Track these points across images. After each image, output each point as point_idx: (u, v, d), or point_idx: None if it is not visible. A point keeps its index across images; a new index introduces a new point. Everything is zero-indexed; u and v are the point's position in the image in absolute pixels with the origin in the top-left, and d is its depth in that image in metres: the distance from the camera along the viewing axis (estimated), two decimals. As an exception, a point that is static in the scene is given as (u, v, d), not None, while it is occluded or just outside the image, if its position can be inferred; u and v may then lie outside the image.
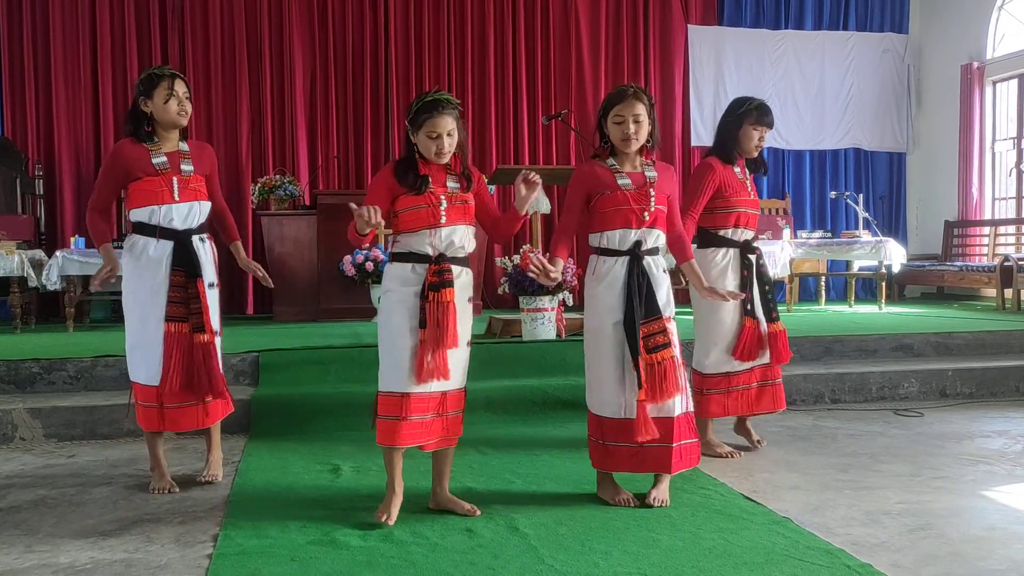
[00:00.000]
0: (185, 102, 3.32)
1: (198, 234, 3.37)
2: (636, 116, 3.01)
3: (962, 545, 2.65)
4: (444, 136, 2.89)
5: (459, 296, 2.92)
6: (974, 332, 5.69)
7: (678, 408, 3.05)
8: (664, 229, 3.12)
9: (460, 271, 2.96)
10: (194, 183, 3.35)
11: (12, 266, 6.30)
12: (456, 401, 2.99)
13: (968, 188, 8.96)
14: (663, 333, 3.03)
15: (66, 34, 7.87)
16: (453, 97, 2.97)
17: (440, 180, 2.95)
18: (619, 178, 3.06)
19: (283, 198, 7.24)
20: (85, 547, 2.73)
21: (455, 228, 2.93)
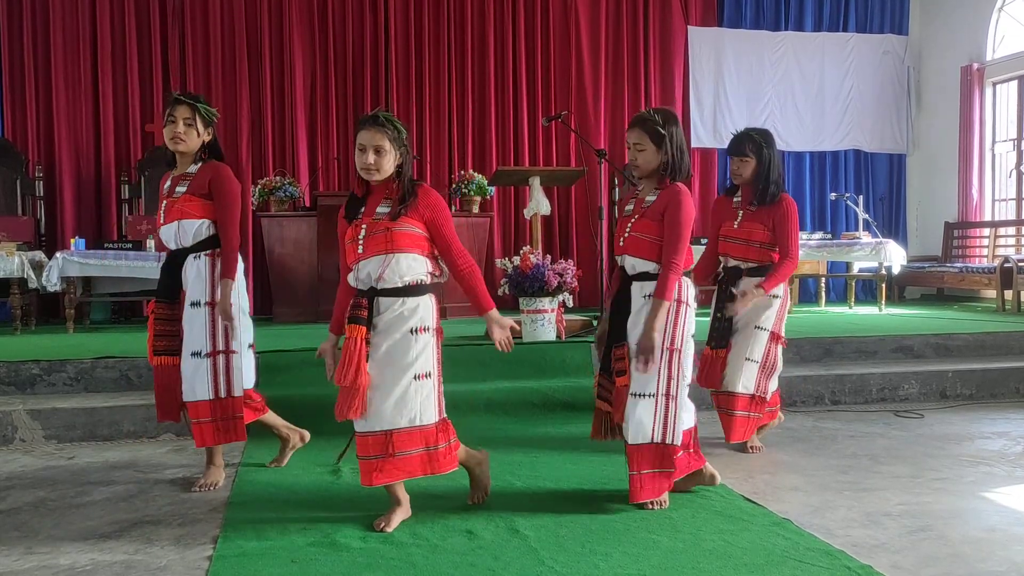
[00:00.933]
0: (182, 127, 3.29)
1: (193, 252, 3.36)
2: (636, 144, 3.03)
3: (962, 546, 2.65)
4: (370, 150, 2.80)
5: (388, 326, 2.82)
6: (974, 333, 5.69)
7: (630, 437, 3.01)
8: (649, 256, 3.02)
9: (393, 302, 2.83)
10: (180, 204, 3.33)
11: (12, 267, 6.30)
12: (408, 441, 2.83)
13: (968, 189, 8.96)
14: (622, 360, 3.03)
15: (66, 35, 7.87)
16: (396, 119, 2.88)
17: (373, 206, 2.87)
18: (628, 203, 3.13)
19: (283, 199, 7.24)
20: (85, 549, 2.73)
21: (370, 260, 2.82)
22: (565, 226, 8.79)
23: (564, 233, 8.78)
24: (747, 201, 3.81)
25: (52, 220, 7.88)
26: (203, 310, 3.33)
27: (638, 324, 3.01)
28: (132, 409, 4.29)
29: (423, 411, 2.86)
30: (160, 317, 3.37)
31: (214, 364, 3.35)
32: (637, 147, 3.02)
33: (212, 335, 3.34)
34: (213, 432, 3.38)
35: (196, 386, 3.33)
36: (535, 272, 5.03)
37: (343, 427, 4.20)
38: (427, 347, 2.87)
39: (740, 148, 3.77)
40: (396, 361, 2.82)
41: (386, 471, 2.82)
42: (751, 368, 3.74)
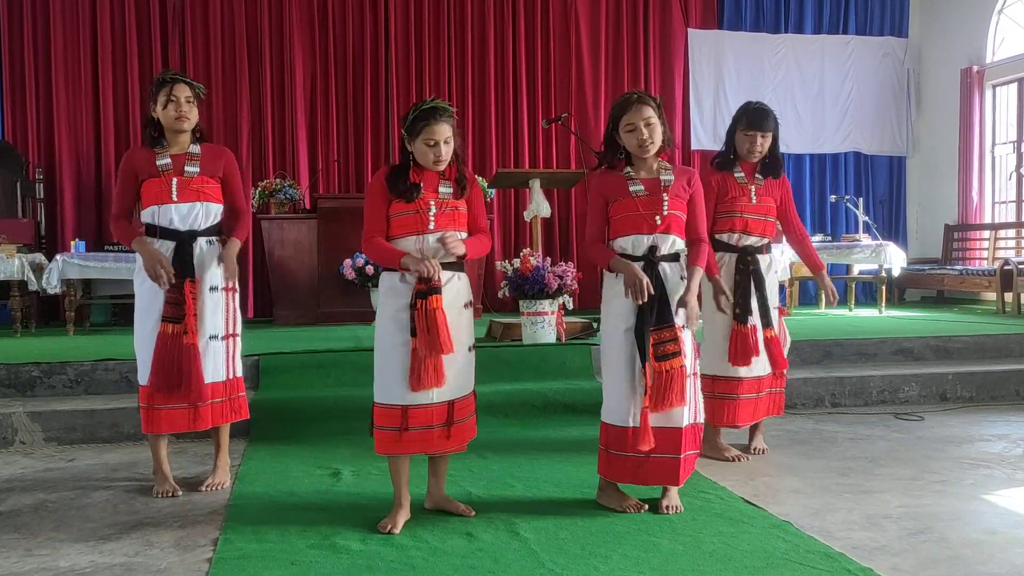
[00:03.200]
0: (185, 106, 3.31)
1: (205, 236, 3.36)
2: (647, 120, 2.99)
3: (962, 549, 2.65)
4: (441, 144, 2.88)
5: (451, 301, 2.91)
6: (974, 336, 5.69)
7: (686, 419, 3.02)
8: (682, 235, 3.06)
9: (451, 276, 2.93)
10: (197, 184, 3.34)
11: (12, 269, 6.30)
12: (465, 408, 2.98)
13: (968, 192, 8.97)
14: (674, 341, 2.97)
15: (66, 37, 7.89)
16: (449, 105, 2.96)
17: (432, 186, 2.94)
18: (631, 185, 3.04)
19: (283, 202, 7.25)
20: (85, 551, 2.73)
21: (444, 234, 2.91)
22: (565, 228, 8.80)
23: (564, 235, 8.79)
24: (750, 177, 3.76)
25: (52, 222, 7.89)
26: (220, 295, 3.40)
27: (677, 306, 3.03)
28: (132, 411, 4.27)
29: (470, 381, 3.03)
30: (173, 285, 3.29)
31: (227, 347, 3.44)
32: (648, 122, 2.98)
33: (227, 319, 3.44)
34: (223, 411, 3.43)
35: (218, 367, 3.39)
36: (535, 274, 5.03)
37: (343, 429, 4.22)
38: (471, 320, 3.05)
39: (766, 123, 3.70)
40: (458, 333, 2.92)
41: (447, 439, 2.93)
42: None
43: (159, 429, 3.37)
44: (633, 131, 3.01)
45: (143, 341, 3.34)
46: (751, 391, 3.74)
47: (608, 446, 3.06)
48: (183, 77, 3.37)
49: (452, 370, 2.91)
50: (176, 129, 3.34)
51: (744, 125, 3.72)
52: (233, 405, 3.48)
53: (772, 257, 3.85)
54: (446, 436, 2.93)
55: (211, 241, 3.39)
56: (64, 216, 7.87)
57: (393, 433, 2.88)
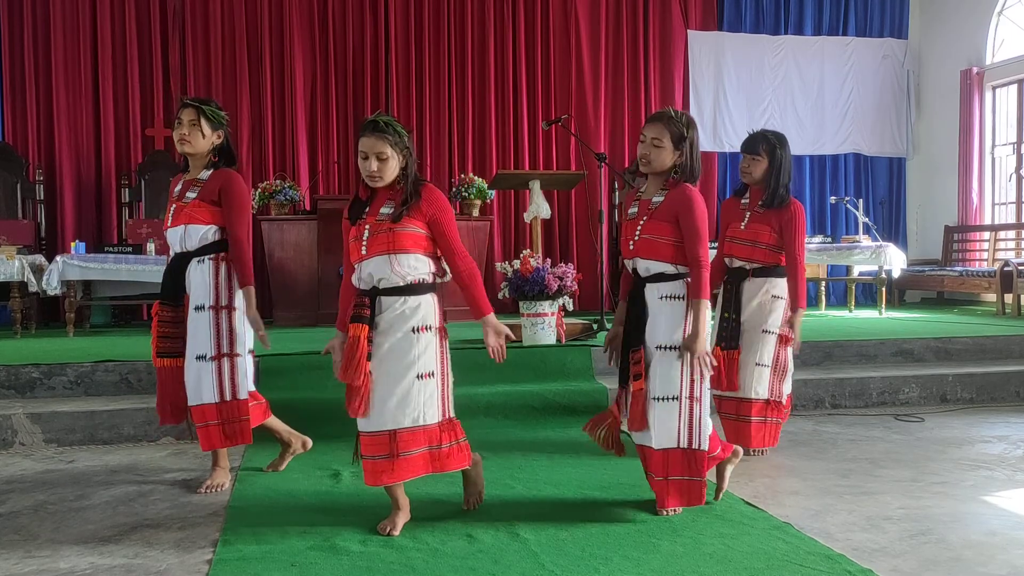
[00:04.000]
0: (187, 128, 3.33)
1: (196, 256, 3.37)
2: (655, 140, 2.94)
3: (963, 550, 2.65)
4: (372, 158, 2.79)
5: (387, 328, 2.81)
6: (974, 337, 5.69)
7: (655, 442, 2.96)
8: (664, 258, 2.96)
9: (394, 300, 2.82)
10: (189, 209, 3.35)
11: (12, 271, 6.30)
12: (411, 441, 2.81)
13: (968, 193, 8.97)
14: (638, 364, 2.97)
15: (67, 39, 7.88)
16: (397, 122, 2.86)
17: (378, 207, 2.86)
18: (632, 206, 3.06)
19: (283, 203, 7.24)
20: (85, 552, 2.73)
21: (372, 260, 2.81)
22: (565, 230, 8.80)
23: (564, 237, 8.79)
24: (755, 202, 3.79)
25: (52, 224, 7.88)
26: (207, 314, 3.34)
27: (657, 327, 2.96)
28: (132, 413, 4.29)
29: (426, 411, 2.84)
30: (164, 319, 3.38)
31: (219, 367, 3.36)
32: (655, 142, 2.94)
33: (217, 338, 3.35)
34: (220, 435, 3.39)
35: (202, 390, 3.35)
36: (535, 276, 5.03)
37: (342, 431, 4.21)
38: (429, 346, 2.86)
39: (753, 147, 3.75)
40: (398, 360, 2.81)
41: (393, 471, 2.81)
42: (763, 373, 3.72)
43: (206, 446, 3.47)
44: (642, 142, 2.99)
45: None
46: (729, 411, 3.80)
47: None
48: (194, 101, 3.36)
49: (394, 398, 2.80)
50: (180, 151, 3.41)
51: (741, 148, 3.84)
52: (229, 430, 3.40)
53: (769, 282, 3.75)
54: (389, 468, 2.80)
55: (201, 260, 3.37)
56: (64, 217, 7.87)
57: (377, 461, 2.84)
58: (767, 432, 3.78)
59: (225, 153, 3.47)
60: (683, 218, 2.93)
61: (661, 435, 2.95)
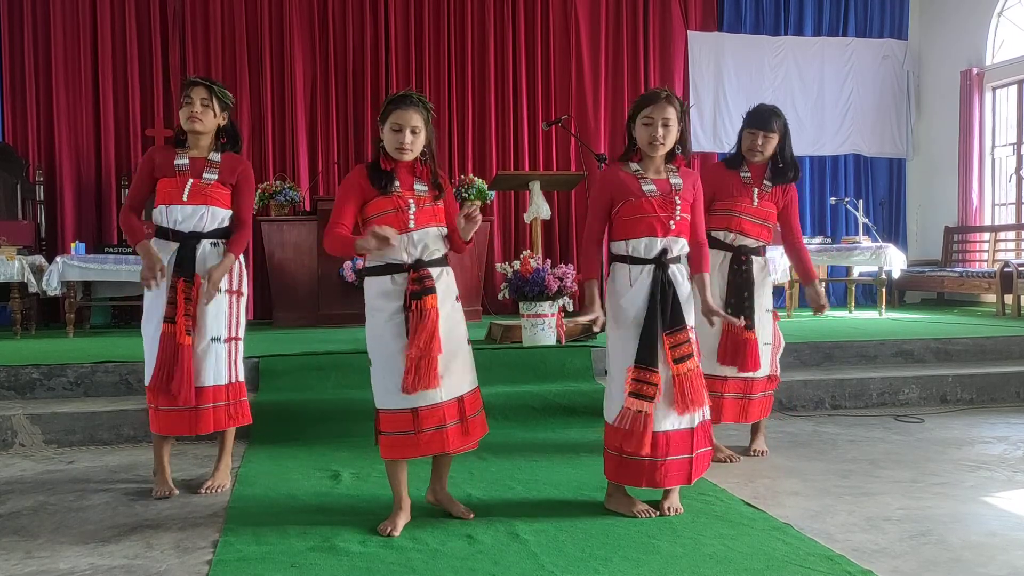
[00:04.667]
0: (199, 108, 3.32)
1: (210, 238, 3.37)
2: (665, 120, 2.95)
3: (963, 551, 2.65)
4: (407, 130, 2.85)
5: (443, 299, 2.89)
6: (974, 338, 5.69)
7: (699, 418, 3.03)
8: (688, 237, 3.07)
9: (439, 272, 2.91)
10: (210, 190, 3.36)
11: (12, 272, 6.30)
12: (474, 402, 2.98)
13: (968, 194, 8.97)
14: (688, 343, 2.98)
15: (67, 39, 7.89)
16: (427, 99, 2.95)
17: (407, 183, 2.92)
18: (644, 184, 3.01)
19: (283, 204, 7.25)
20: (85, 553, 2.73)
21: (427, 231, 2.89)
22: (565, 230, 8.80)
23: (564, 237, 8.79)
24: (758, 180, 3.74)
25: (52, 224, 7.89)
26: (225, 297, 3.40)
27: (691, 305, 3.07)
28: (132, 413, 4.28)
29: (475, 374, 3.02)
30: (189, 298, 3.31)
31: (230, 349, 3.43)
32: (666, 123, 2.96)
33: (230, 322, 3.43)
34: (226, 416, 3.42)
35: (219, 370, 3.38)
36: (535, 276, 5.03)
37: (342, 431, 4.22)
38: (462, 313, 3.03)
39: (769, 123, 3.67)
40: (456, 328, 2.95)
41: (464, 435, 2.93)
42: (767, 351, 3.77)
43: (157, 430, 3.38)
44: (649, 125, 2.97)
45: (148, 342, 3.36)
46: (737, 391, 3.71)
47: (621, 450, 2.98)
48: (204, 80, 3.38)
49: (456, 365, 2.91)
50: (190, 130, 3.36)
51: (747, 123, 3.73)
52: (234, 410, 3.45)
53: (768, 260, 3.85)
54: (462, 432, 2.91)
55: (216, 243, 3.39)
56: (64, 218, 7.87)
57: (405, 437, 2.85)
58: (765, 404, 3.85)
59: (231, 134, 3.48)
60: (699, 198, 3.12)
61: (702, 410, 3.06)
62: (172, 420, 3.35)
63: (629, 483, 3.02)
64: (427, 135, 2.92)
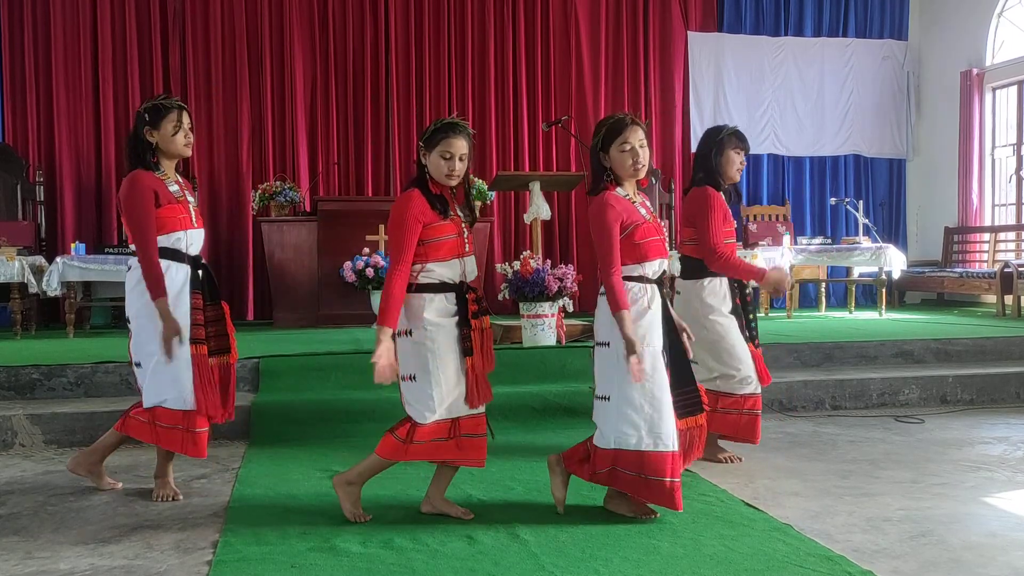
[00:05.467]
0: (190, 134, 3.36)
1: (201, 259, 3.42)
2: (641, 142, 2.99)
3: (963, 552, 2.65)
4: (456, 159, 2.91)
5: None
6: (974, 338, 5.69)
7: None
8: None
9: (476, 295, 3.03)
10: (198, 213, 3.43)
11: (12, 272, 6.30)
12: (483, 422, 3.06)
13: (968, 194, 8.97)
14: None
15: (67, 40, 7.89)
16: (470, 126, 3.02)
17: (452, 207, 3.00)
18: (639, 208, 3.04)
19: (283, 204, 7.25)
20: (85, 554, 2.73)
21: (472, 256, 3.04)
22: (565, 231, 8.80)
23: (564, 238, 8.79)
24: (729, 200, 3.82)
25: (52, 225, 7.88)
26: None
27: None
28: (132, 414, 4.28)
29: None
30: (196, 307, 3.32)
31: None
32: (642, 144, 2.99)
33: None
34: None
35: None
36: (535, 277, 5.03)
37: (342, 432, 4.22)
38: None
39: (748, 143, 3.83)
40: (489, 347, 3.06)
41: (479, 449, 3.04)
42: None
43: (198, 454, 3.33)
44: (628, 151, 2.95)
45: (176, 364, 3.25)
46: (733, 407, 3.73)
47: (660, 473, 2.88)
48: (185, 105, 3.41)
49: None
50: (181, 155, 3.38)
51: (734, 144, 3.75)
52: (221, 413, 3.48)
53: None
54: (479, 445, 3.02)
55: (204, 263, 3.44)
56: (64, 218, 7.87)
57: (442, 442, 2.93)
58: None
59: None
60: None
61: None
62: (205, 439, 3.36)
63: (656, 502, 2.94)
64: (468, 162, 2.99)
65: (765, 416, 4.06)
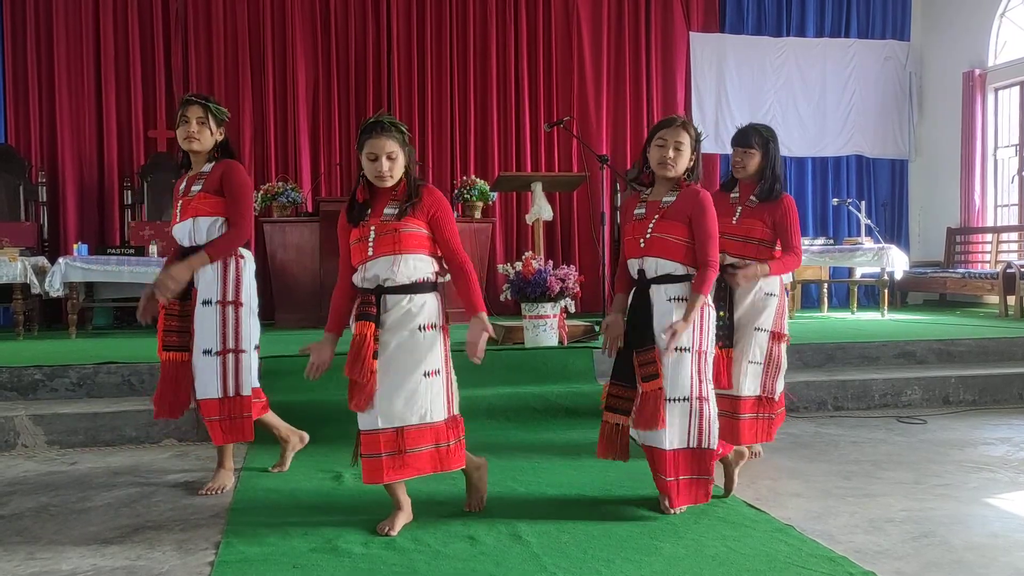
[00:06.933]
0: (195, 127, 3.34)
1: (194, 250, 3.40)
2: (678, 143, 3.00)
3: (965, 553, 2.64)
4: (383, 158, 2.83)
5: (392, 328, 2.86)
6: (977, 339, 5.69)
7: (667, 443, 2.98)
8: (674, 257, 3.00)
9: (402, 299, 2.87)
10: (195, 202, 3.36)
11: (15, 273, 6.31)
12: (418, 437, 2.85)
13: (970, 195, 8.96)
14: (653, 364, 2.97)
15: (69, 41, 7.90)
16: (399, 121, 2.92)
17: (380, 208, 2.91)
18: (637, 207, 3.08)
19: (285, 205, 7.25)
20: (87, 554, 2.73)
21: (378, 260, 2.86)
22: (567, 232, 8.80)
23: (566, 239, 8.79)
24: (745, 197, 3.72)
25: (55, 225, 7.89)
26: (215, 308, 3.37)
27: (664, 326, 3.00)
28: (134, 414, 4.29)
29: (433, 408, 2.88)
30: (170, 313, 3.37)
31: (223, 363, 3.38)
32: (678, 146, 3.00)
33: (223, 334, 3.38)
34: (220, 431, 3.40)
35: (207, 384, 3.37)
36: (537, 277, 5.03)
37: (344, 432, 4.20)
38: (435, 344, 2.91)
39: (747, 140, 3.69)
40: (405, 358, 2.85)
41: (398, 468, 2.84)
42: (755, 370, 3.68)
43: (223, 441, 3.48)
44: (661, 147, 3.01)
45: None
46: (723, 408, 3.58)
47: None
48: (199, 98, 3.39)
49: (401, 395, 2.84)
50: (188, 150, 3.41)
51: (732, 141, 3.77)
52: (230, 426, 3.40)
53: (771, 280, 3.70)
54: (398, 464, 2.83)
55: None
56: (67, 219, 7.88)
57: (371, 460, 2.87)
58: (759, 428, 3.74)
59: (225, 149, 3.49)
60: (697, 219, 3.00)
61: (673, 436, 2.99)
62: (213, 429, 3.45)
63: None
64: (405, 158, 2.89)
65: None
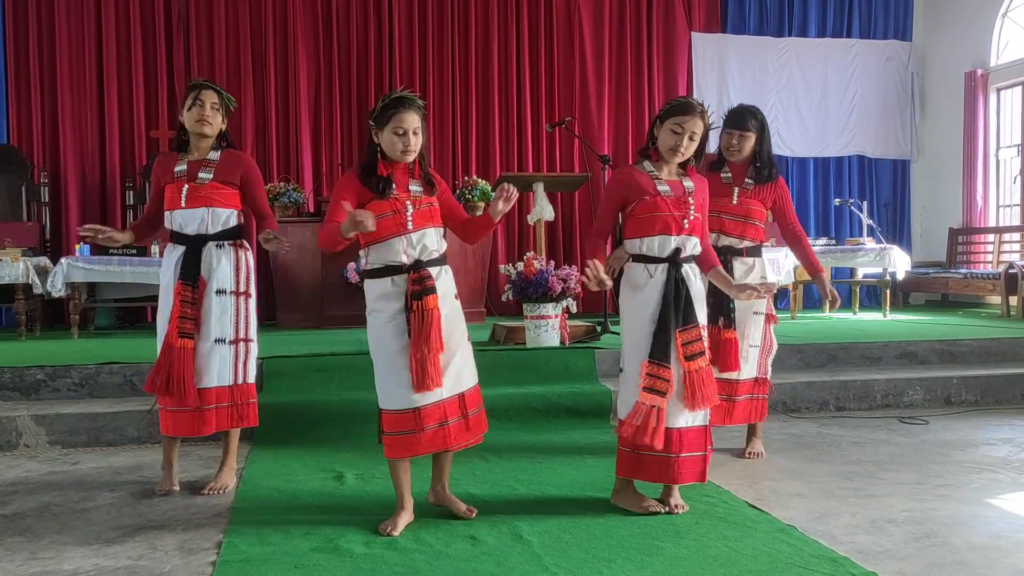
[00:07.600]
0: (209, 111, 3.37)
1: (216, 240, 3.40)
2: (693, 133, 3.02)
3: (967, 553, 2.64)
4: (410, 133, 2.87)
5: (443, 298, 2.91)
6: (979, 339, 5.68)
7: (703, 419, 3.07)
8: (700, 238, 3.12)
9: (439, 271, 2.94)
10: (207, 191, 3.38)
11: (17, 273, 6.32)
12: (475, 399, 3.00)
13: (972, 195, 8.95)
14: (699, 341, 3.02)
15: (71, 42, 7.91)
16: (419, 98, 2.96)
17: (403, 184, 2.94)
18: (659, 184, 3.06)
19: (287, 205, 7.26)
20: (89, 554, 2.73)
21: (424, 232, 2.91)
22: (569, 232, 8.80)
23: (568, 239, 8.79)
24: (739, 179, 3.74)
25: (57, 226, 7.90)
26: (230, 299, 3.41)
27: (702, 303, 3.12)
28: (136, 415, 4.29)
29: (473, 372, 3.04)
30: (186, 300, 3.34)
31: (236, 351, 3.43)
32: (692, 136, 3.03)
33: (236, 323, 3.43)
34: (228, 418, 3.43)
35: (224, 372, 3.39)
36: (539, 278, 5.03)
37: (345, 432, 4.22)
38: (461, 310, 3.06)
39: (743, 122, 3.68)
40: (456, 326, 2.97)
41: (471, 429, 2.97)
42: (754, 353, 3.75)
43: (164, 431, 3.43)
44: (677, 134, 3.02)
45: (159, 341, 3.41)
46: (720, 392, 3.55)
47: (635, 446, 3.00)
48: (213, 84, 3.44)
49: (456, 362, 2.93)
50: (198, 133, 3.40)
51: (724, 123, 3.76)
52: (240, 411, 3.46)
53: (758, 262, 3.78)
54: (464, 428, 2.94)
55: (221, 245, 3.41)
56: (69, 219, 7.89)
57: (408, 436, 2.86)
58: (754, 409, 3.80)
59: (226, 138, 3.52)
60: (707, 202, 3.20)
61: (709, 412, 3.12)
62: (178, 421, 3.39)
63: (644, 478, 3.04)
64: (423, 136, 2.94)
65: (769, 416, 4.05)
